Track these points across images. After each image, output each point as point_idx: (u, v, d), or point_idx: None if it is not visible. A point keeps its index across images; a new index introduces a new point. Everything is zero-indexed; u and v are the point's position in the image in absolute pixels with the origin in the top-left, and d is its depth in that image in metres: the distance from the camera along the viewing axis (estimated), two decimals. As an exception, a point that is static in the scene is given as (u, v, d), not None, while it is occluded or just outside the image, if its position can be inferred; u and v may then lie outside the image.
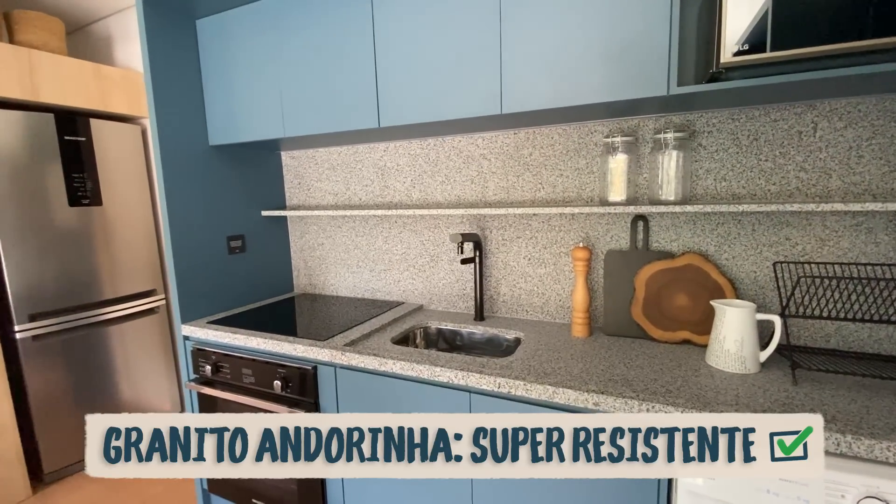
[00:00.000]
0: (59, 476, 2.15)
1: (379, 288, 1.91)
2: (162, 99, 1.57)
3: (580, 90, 1.15)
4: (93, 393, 2.26)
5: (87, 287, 2.22)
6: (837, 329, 1.21)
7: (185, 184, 1.65)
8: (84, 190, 2.19)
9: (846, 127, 1.15)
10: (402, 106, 1.36)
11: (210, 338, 1.55)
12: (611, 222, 1.44)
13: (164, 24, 1.57)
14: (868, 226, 1.15)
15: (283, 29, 1.51)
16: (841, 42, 0.88)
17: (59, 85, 2.11)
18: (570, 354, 1.23)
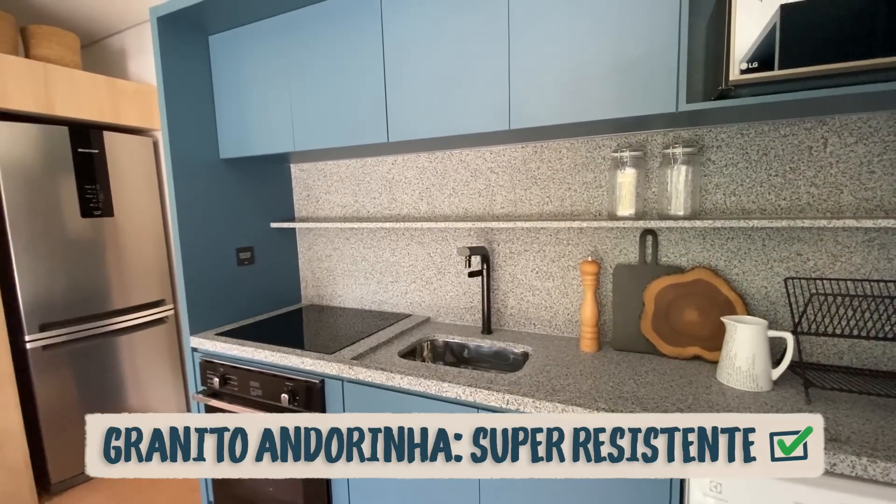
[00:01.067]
0: (65, 486, 2.16)
1: (386, 300, 1.91)
2: (174, 112, 1.59)
3: (588, 106, 1.15)
4: (101, 403, 2.27)
5: (97, 297, 2.24)
6: (851, 346, 1.19)
7: (196, 196, 1.67)
8: (96, 201, 2.22)
9: (857, 142, 1.15)
10: (411, 121, 1.37)
11: (218, 350, 1.55)
12: (619, 236, 1.44)
13: (178, 40, 1.60)
14: (881, 242, 1.14)
15: (294, 45, 1.53)
16: (849, 60, 0.87)
17: (74, 98, 2.15)
18: (580, 370, 1.22)
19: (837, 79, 0.90)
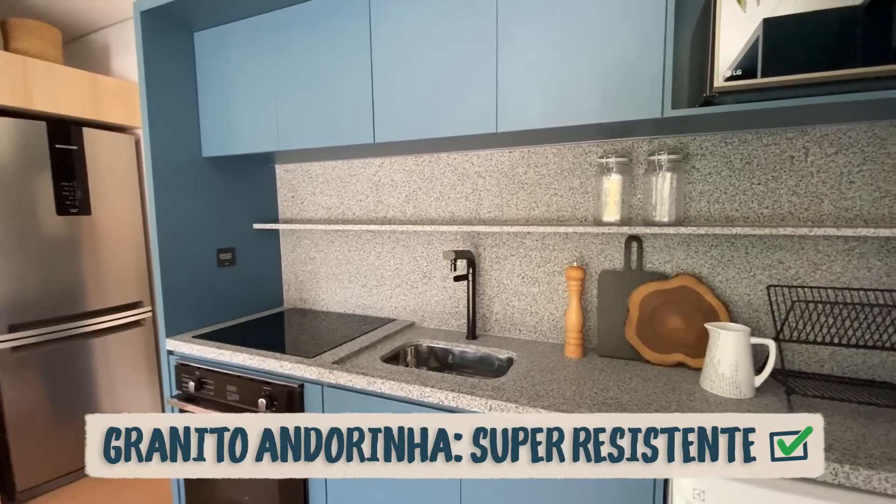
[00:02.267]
0: (32, 494, 2.07)
1: (370, 304, 1.88)
2: (156, 109, 1.56)
3: (575, 111, 1.15)
4: (72, 408, 2.18)
5: (72, 298, 2.17)
6: (832, 354, 1.20)
7: (176, 194, 1.63)
8: (73, 199, 2.16)
9: (837, 153, 1.16)
10: (398, 122, 1.36)
11: (195, 353, 1.51)
12: (605, 242, 1.44)
13: (162, 36, 1.57)
14: (860, 251, 1.16)
15: (281, 43, 1.51)
16: (830, 70, 0.89)
17: (53, 93, 2.10)
18: (563, 376, 1.21)
19: (818, 88, 0.92)
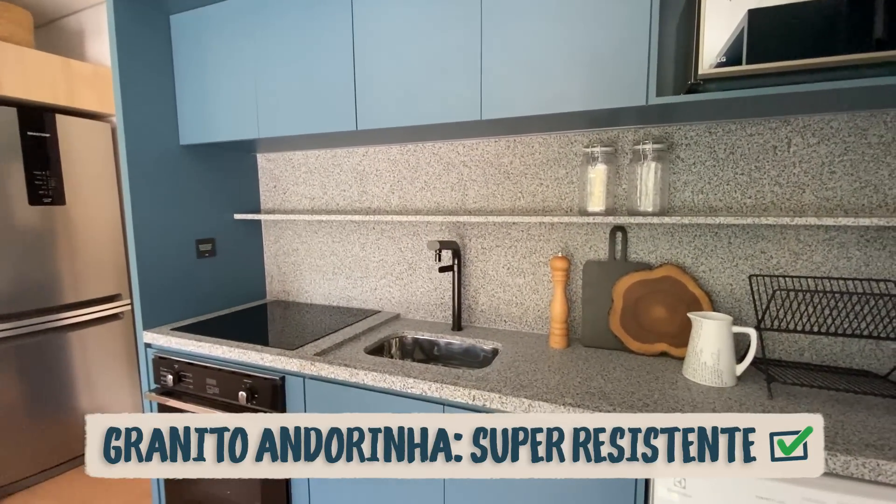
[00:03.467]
0: (4, 493, 2.01)
1: (355, 296, 1.86)
2: (131, 95, 1.50)
3: (560, 98, 1.14)
4: (49, 403, 2.12)
5: (46, 290, 2.10)
6: (811, 343, 1.21)
7: (153, 183, 1.58)
8: (46, 188, 2.08)
9: (819, 143, 1.17)
10: (381, 109, 1.33)
11: (173, 345, 1.47)
12: (590, 232, 1.43)
13: (136, 19, 1.51)
14: (840, 241, 1.17)
15: (261, 27, 1.47)
16: (813, 57, 0.89)
17: (24, 78, 2.01)
18: (548, 366, 1.20)
19: (801, 75, 0.92)
